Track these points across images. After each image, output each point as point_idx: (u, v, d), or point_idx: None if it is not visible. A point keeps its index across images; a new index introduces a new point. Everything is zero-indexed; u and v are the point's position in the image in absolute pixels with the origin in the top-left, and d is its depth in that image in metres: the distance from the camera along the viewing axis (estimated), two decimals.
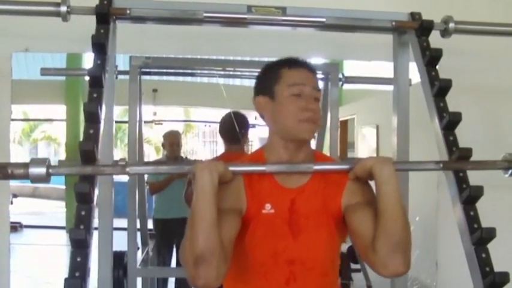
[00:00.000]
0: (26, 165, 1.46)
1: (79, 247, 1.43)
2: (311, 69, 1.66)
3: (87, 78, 1.74)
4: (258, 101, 1.67)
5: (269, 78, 1.66)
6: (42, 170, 1.46)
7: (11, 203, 3.39)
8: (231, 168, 1.54)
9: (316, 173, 1.63)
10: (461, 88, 2.00)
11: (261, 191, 1.61)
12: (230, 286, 1.67)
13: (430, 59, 1.95)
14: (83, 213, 1.47)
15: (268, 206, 1.60)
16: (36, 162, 1.47)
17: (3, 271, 2.73)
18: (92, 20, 1.85)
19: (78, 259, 1.42)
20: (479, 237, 1.62)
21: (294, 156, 1.64)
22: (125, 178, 3.54)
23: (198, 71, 3.80)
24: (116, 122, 2.11)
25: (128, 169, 1.54)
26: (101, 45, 1.77)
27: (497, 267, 1.63)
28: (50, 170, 1.47)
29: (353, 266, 4.20)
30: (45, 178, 1.47)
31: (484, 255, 1.63)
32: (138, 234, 3.71)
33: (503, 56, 2.74)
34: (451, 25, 2.07)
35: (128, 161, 3.23)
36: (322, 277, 1.64)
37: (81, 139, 1.59)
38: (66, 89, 10.97)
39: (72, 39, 2.49)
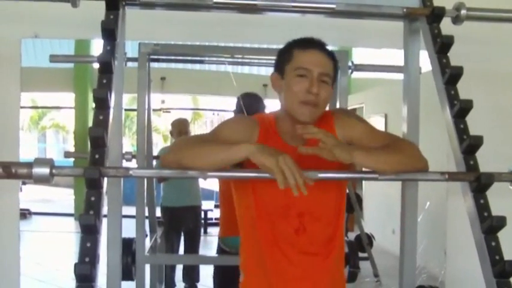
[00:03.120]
0: (29, 165, 1.46)
1: (89, 233, 1.43)
2: (325, 51, 1.70)
3: (95, 66, 1.74)
4: (272, 77, 1.76)
5: (283, 56, 1.73)
6: (45, 171, 1.45)
7: (20, 190, 3.41)
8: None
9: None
10: (471, 75, 1.98)
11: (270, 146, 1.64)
12: (246, 233, 1.80)
13: (441, 46, 1.93)
14: (92, 198, 1.47)
15: None
16: (40, 162, 1.47)
17: (14, 257, 2.75)
18: (101, 5, 1.84)
19: (88, 244, 1.42)
20: (490, 226, 1.61)
21: None
22: (134, 166, 3.54)
23: (207, 58, 3.78)
24: (125, 110, 2.11)
25: (131, 172, 1.55)
26: (110, 31, 1.76)
27: (507, 257, 1.61)
28: (54, 171, 1.47)
29: (360, 254, 4.20)
30: (49, 179, 1.47)
31: (494, 244, 1.61)
32: (147, 221, 3.72)
33: None
34: (463, 12, 2.04)
35: (135, 149, 3.23)
36: (328, 226, 1.75)
37: (89, 126, 1.59)
38: (74, 76, 10.99)
39: (82, 25, 2.49)
